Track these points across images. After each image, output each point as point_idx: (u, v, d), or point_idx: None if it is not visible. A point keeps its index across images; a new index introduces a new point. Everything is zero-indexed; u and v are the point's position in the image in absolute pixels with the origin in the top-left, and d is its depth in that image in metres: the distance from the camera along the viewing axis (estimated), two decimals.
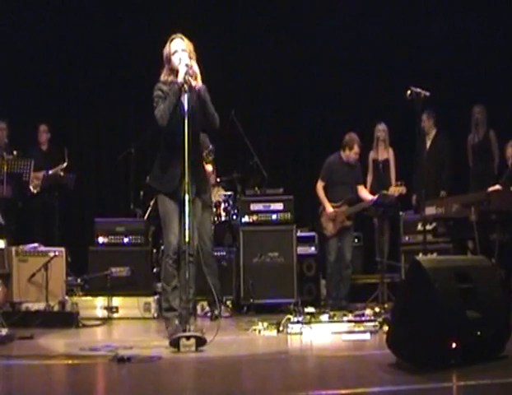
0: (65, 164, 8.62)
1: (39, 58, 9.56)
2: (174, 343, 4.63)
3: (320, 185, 7.67)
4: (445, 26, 9.19)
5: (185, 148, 4.87)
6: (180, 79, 5.03)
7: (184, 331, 4.79)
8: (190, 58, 5.13)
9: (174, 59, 5.15)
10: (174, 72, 5.14)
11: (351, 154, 7.58)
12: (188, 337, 4.64)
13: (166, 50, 5.21)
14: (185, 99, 5.00)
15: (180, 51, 5.14)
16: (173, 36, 5.22)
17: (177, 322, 5.17)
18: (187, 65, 5.05)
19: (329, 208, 7.54)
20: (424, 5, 9.52)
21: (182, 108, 5.03)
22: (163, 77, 5.24)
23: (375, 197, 7.54)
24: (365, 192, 7.73)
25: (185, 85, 5.02)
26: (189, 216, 4.87)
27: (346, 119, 8.86)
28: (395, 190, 7.49)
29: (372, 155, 8.82)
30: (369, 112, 9.21)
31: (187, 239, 4.86)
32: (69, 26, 9.61)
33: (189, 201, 4.90)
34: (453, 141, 8.64)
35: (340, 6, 9.49)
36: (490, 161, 8.44)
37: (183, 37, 5.21)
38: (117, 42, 9.63)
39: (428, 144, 8.59)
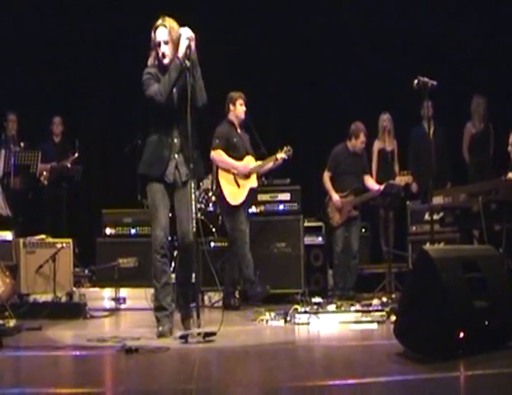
0: (76, 155, 8.68)
1: (47, 52, 9.58)
2: (183, 336, 4.63)
3: (327, 175, 7.67)
4: (448, 18, 9.16)
5: (188, 129, 4.80)
6: (181, 54, 4.85)
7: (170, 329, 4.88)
8: (174, 42, 4.92)
9: (159, 52, 4.97)
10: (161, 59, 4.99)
11: (357, 143, 7.58)
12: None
13: (152, 38, 5.00)
14: (187, 76, 4.83)
15: (163, 44, 4.94)
16: (157, 23, 4.96)
17: (168, 321, 4.94)
18: (188, 38, 4.85)
19: (336, 198, 7.53)
20: None
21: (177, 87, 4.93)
22: (150, 61, 5.07)
23: (382, 186, 7.53)
24: (371, 182, 7.72)
25: (187, 62, 4.84)
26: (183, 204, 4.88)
27: (353, 109, 8.82)
28: (401, 179, 7.50)
29: (377, 144, 8.80)
30: (374, 101, 9.17)
31: (189, 229, 4.83)
32: (78, 19, 9.61)
33: (189, 186, 4.86)
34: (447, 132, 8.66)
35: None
36: (488, 152, 8.45)
37: (166, 23, 4.93)
38: (124, 34, 9.59)
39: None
